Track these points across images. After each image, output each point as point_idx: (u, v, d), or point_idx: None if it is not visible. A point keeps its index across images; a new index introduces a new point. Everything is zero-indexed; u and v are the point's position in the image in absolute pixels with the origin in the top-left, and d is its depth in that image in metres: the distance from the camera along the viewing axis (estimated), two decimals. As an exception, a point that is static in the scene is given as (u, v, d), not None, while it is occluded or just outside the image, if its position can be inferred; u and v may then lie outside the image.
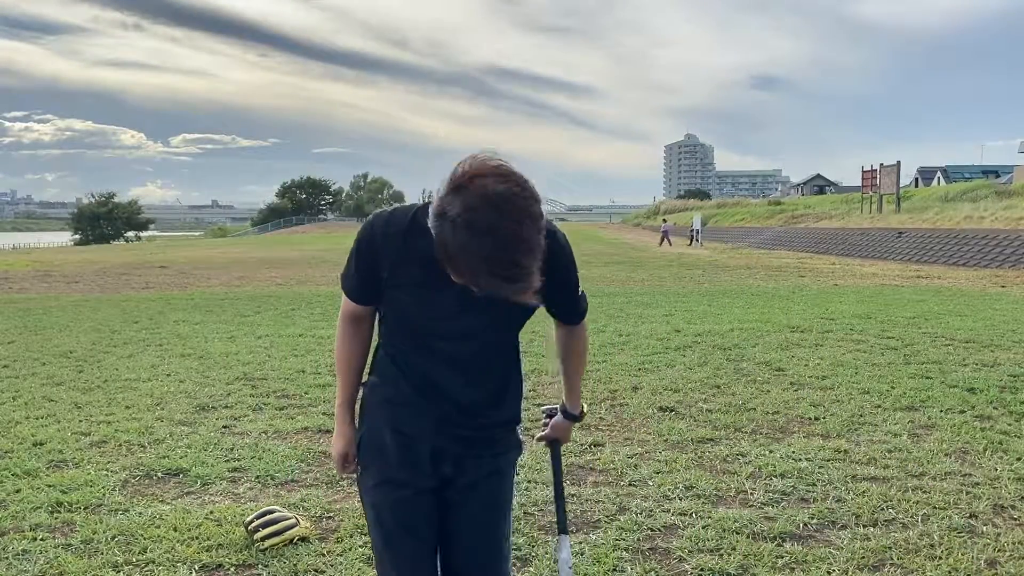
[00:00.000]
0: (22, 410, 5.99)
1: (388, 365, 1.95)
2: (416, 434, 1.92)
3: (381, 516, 1.96)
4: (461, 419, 1.92)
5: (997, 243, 23.42)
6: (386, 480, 1.94)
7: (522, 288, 1.57)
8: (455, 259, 1.56)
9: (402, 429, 1.93)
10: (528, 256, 1.54)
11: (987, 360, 7.73)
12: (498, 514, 2.02)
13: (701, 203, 79.17)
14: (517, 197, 1.53)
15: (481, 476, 1.97)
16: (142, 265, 26.16)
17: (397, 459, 1.93)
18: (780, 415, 5.73)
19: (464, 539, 1.99)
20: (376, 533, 2.00)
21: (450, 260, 1.57)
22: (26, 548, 3.52)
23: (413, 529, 1.95)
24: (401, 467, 1.93)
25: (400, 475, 1.93)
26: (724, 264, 24.90)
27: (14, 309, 13.07)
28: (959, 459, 4.72)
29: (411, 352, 1.91)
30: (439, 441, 1.92)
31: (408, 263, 1.79)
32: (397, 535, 1.95)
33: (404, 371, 1.92)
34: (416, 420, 1.92)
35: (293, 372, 7.37)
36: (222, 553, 3.48)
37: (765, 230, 43.84)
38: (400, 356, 1.93)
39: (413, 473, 1.93)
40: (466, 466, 1.95)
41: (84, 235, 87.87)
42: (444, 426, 1.91)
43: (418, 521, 1.95)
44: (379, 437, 1.95)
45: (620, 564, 3.38)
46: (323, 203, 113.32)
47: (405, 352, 1.92)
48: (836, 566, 3.33)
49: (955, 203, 33.43)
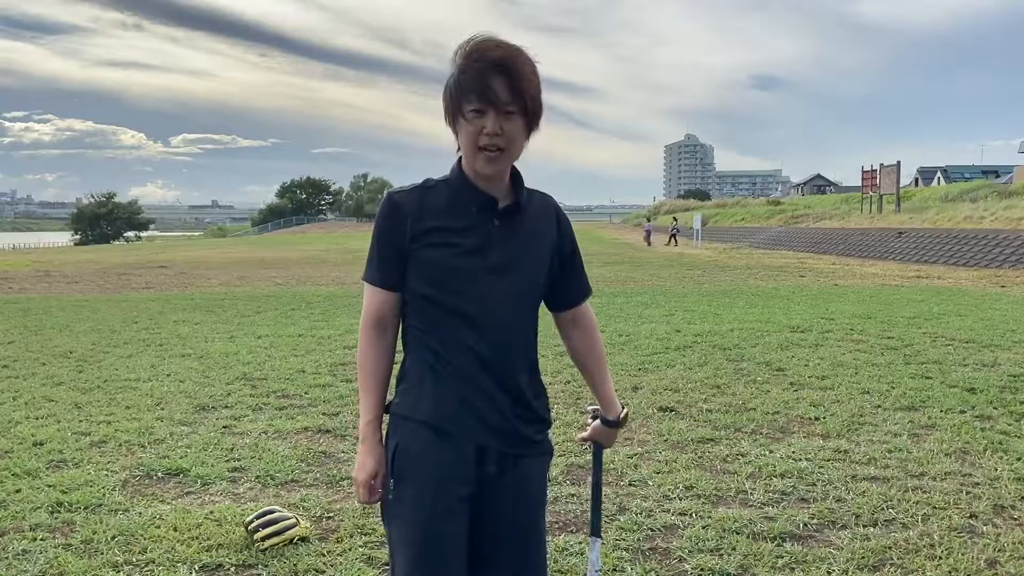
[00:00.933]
0: (22, 410, 5.99)
1: (417, 365, 1.89)
2: (458, 431, 1.85)
3: (413, 533, 1.84)
4: (501, 402, 1.86)
5: (997, 243, 23.42)
6: (425, 488, 1.84)
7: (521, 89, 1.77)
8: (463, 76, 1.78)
9: (442, 427, 1.85)
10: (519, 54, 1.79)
11: (987, 360, 7.74)
12: (538, 515, 1.99)
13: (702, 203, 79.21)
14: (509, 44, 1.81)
15: (521, 477, 1.92)
16: (142, 265, 26.16)
17: (437, 461, 1.84)
18: (780, 415, 5.73)
19: (507, 539, 1.92)
20: (404, 552, 1.86)
21: (459, 85, 1.78)
22: (26, 548, 3.52)
23: (452, 542, 1.84)
24: (442, 469, 1.84)
25: (442, 478, 1.84)
26: (724, 264, 24.91)
27: (14, 309, 13.07)
28: (959, 459, 4.72)
29: (442, 331, 1.85)
30: (482, 437, 1.86)
31: (428, 214, 1.86)
32: (432, 550, 1.83)
33: (436, 360, 1.86)
34: (457, 413, 1.85)
35: (293, 372, 7.37)
36: (222, 553, 3.48)
37: (765, 230, 43.85)
38: (430, 342, 1.86)
39: (455, 475, 1.84)
40: (508, 467, 1.89)
41: (84, 235, 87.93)
42: (486, 415, 1.85)
43: (458, 534, 1.85)
44: (416, 443, 1.86)
45: (620, 564, 3.37)
46: (323, 203, 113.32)
47: (435, 334, 1.86)
48: (836, 566, 3.33)
49: (955, 203, 33.44)
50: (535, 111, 1.83)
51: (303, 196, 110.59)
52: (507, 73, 1.77)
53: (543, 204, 2.00)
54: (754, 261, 26.50)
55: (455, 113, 1.82)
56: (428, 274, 1.85)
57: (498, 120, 1.78)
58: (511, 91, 1.77)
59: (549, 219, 1.98)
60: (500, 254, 1.86)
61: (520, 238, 1.89)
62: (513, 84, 1.77)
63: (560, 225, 2.00)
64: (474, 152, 1.81)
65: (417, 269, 1.86)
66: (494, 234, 1.86)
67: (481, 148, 1.80)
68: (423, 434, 1.86)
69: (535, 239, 1.93)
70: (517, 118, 1.80)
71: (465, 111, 1.79)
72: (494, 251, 1.85)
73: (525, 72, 1.79)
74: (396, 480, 1.87)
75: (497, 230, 1.86)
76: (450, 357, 1.86)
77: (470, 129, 1.80)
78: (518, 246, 1.89)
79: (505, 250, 1.87)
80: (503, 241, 1.87)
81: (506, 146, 1.81)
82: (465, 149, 1.84)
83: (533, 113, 1.83)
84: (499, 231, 1.86)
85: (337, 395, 6.42)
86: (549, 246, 1.96)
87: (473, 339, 1.85)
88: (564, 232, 2.01)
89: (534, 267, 1.92)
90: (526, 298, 1.92)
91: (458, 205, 1.86)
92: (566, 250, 2.01)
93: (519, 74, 1.78)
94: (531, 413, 1.94)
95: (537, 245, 1.93)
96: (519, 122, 1.81)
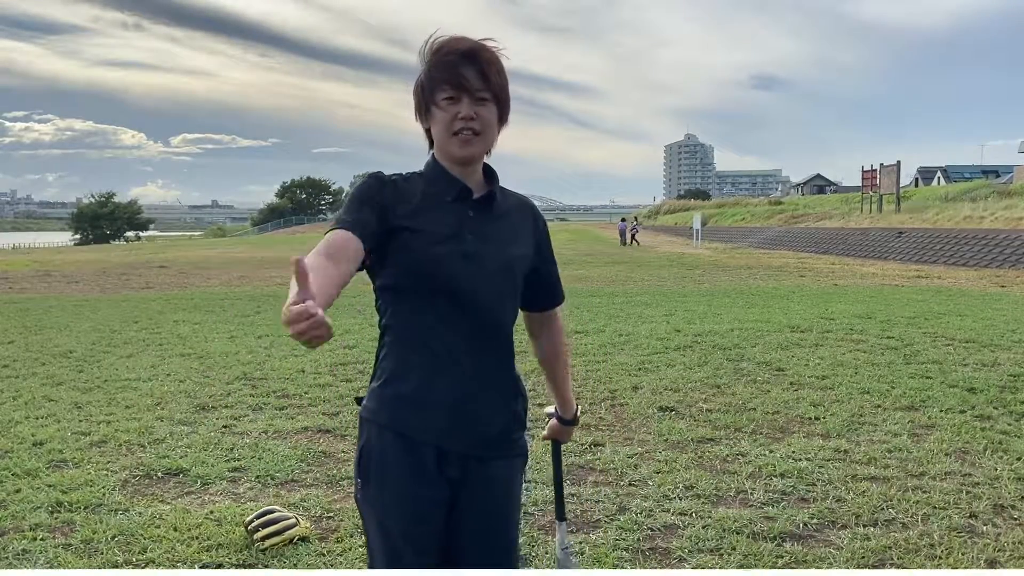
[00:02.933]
0: (22, 410, 5.99)
1: (389, 361, 1.87)
2: (418, 435, 1.84)
3: (387, 529, 1.85)
4: (473, 400, 1.84)
5: (997, 243, 23.42)
6: (394, 494, 1.84)
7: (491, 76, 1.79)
8: (433, 69, 1.79)
9: (406, 432, 1.84)
10: (486, 47, 1.81)
11: (987, 360, 7.73)
12: (506, 522, 1.96)
13: (702, 203, 79.22)
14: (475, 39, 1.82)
15: (487, 480, 1.90)
16: (142, 265, 26.17)
17: (399, 466, 1.84)
18: (780, 415, 5.73)
19: (471, 547, 1.91)
20: (380, 547, 1.88)
21: (431, 78, 1.80)
22: (26, 548, 3.52)
23: (424, 546, 1.85)
24: (404, 474, 1.84)
25: (408, 487, 1.84)
26: (724, 264, 24.91)
27: (14, 309, 13.07)
28: (959, 459, 4.72)
29: (415, 325, 1.83)
30: (446, 442, 1.84)
31: (406, 202, 1.84)
32: (406, 553, 1.84)
33: (408, 356, 1.84)
34: (422, 417, 1.83)
35: (293, 372, 7.37)
36: (222, 553, 3.48)
37: (765, 230, 43.84)
38: (404, 336, 1.85)
39: (419, 480, 1.84)
40: (471, 469, 1.87)
41: (84, 235, 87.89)
42: (454, 415, 1.83)
43: (430, 539, 1.86)
44: (379, 445, 1.85)
45: (620, 564, 3.38)
46: (323, 203, 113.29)
47: (409, 328, 1.84)
48: (836, 566, 3.33)
49: (955, 203, 33.44)
50: (506, 100, 1.86)
51: (303, 196, 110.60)
52: (477, 62, 1.79)
53: (521, 204, 2.00)
54: (754, 261, 26.50)
55: (427, 104, 1.83)
56: (404, 262, 1.81)
57: (472, 105, 1.80)
58: (483, 78, 1.80)
59: (527, 219, 1.98)
60: (475, 244, 1.84)
61: (496, 230, 1.88)
62: (484, 72, 1.80)
63: (538, 226, 2.00)
64: (448, 137, 1.82)
65: (393, 258, 1.82)
66: (469, 224, 1.84)
67: (455, 132, 1.81)
68: (387, 438, 1.85)
69: (511, 234, 1.92)
70: (490, 105, 1.82)
71: (438, 100, 1.81)
72: (469, 240, 1.83)
73: (494, 62, 1.82)
74: (363, 481, 1.88)
75: (472, 220, 1.85)
76: (422, 352, 1.83)
77: (444, 115, 1.81)
78: (494, 238, 1.87)
79: (480, 240, 1.85)
80: (478, 232, 1.85)
81: (481, 130, 1.81)
82: (439, 136, 1.84)
83: (504, 101, 1.85)
84: (474, 222, 1.85)
85: (337, 395, 6.42)
86: (526, 244, 1.95)
87: (448, 332, 1.82)
88: (542, 234, 2.01)
89: (510, 261, 1.90)
90: (502, 290, 1.89)
91: (433, 195, 1.85)
92: (544, 252, 2.02)
93: (489, 63, 1.81)
94: (506, 412, 1.91)
95: (513, 240, 1.92)
96: (492, 109, 1.83)
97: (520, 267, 1.92)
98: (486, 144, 1.85)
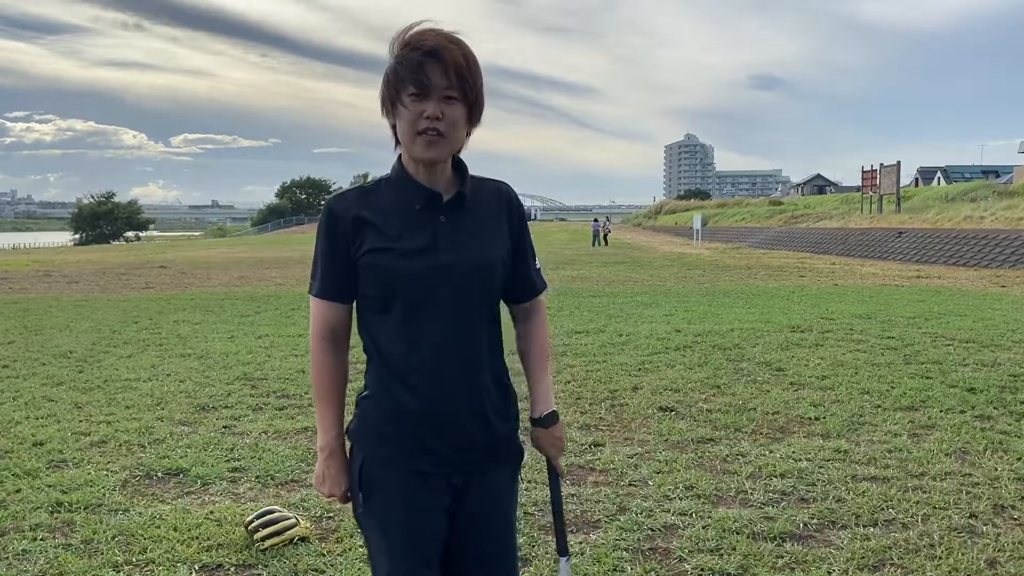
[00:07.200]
0: (22, 410, 5.99)
1: (372, 378, 1.86)
2: (409, 452, 1.83)
3: (391, 536, 1.84)
4: (461, 411, 1.82)
5: (997, 243, 23.42)
6: (396, 503, 1.84)
7: (460, 76, 1.73)
8: (399, 65, 1.74)
9: (394, 450, 1.84)
10: (457, 43, 1.75)
11: (987, 360, 7.73)
12: (508, 526, 1.95)
13: (702, 203, 79.22)
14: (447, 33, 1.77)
15: (486, 487, 1.89)
16: (142, 265, 26.17)
17: (399, 483, 1.83)
18: (780, 415, 5.73)
19: (474, 553, 1.90)
20: (382, 556, 1.86)
21: (397, 74, 1.74)
22: (26, 548, 3.52)
23: (427, 556, 1.84)
24: (405, 490, 1.83)
25: (407, 497, 1.83)
26: (724, 264, 24.90)
27: (14, 309, 13.08)
28: (959, 459, 4.72)
29: (396, 339, 1.81)
30: (445, 451, 1.82)
31: (369, 219, 1.80)
32: (409, 563, 1.83)
33: (391, 372, 1.82)
34: (407, 432, 1.82)
35: (293, 372, 7.37)
36: (222, 553, 3.48)
37: (765, 230, 43.84)
38: (385, 351, 1.83)
39: (419, 494, 1.83)
40: (470, 476, 1.86)
41: (84, 235, 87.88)
42: (444, 428, 1.82)
43: (433, 548, 1.84)
44: (376, 462, 1.86)
45: (620, 564, 3.37)
46: (323, 203, 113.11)
47: (390, 343, 1.82)
48: (836, 566, 3.33)
49: (955, 203, 33.44)
50: (476, 99, 1.78)
51: (303, 196, 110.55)
52: (444, 61, 1.72)
53: (496, 191, 1.92)
54: (754, 261, 26.50)
55: (393, 101, 1.76)
56: (377, 280, 1.79)
57: (439, 105, 1.73)
58: (448, 77, 1.73)
59: (502, 209, 1.91)
60: (449, 251, 1.79)
61: (470, 231, 1.81)
62: (451, 71, 1.73)
63: (512, 216, 1.91)
64: (412, 137, 1.75)
65: (365, 276, 1.80)
66: (441, 231, 1.78)
67: (420, 132, 1.74)
68: (380, 453, 1.85)
69: (487, 229, 1.85)
70: (458, 104, 1.75)
71: (403, 97, 1.74)
72: (443, 248, 1.78)
73: (463, 60, 1.75)
74: (365, 496, 1.87)
75: (443, 226, 1.79)
76: (404, 368, 1.81)
77: (409, 114, 1.74)
78: (468, 240, 1.81)
79: (454, 246, 1.79)
80: (451, 237, 1.79)
81: (446, 131, 1.74)
82: (404, 136, 1.77)
83: (474, 101, 1.78)
84: (446, 227, 1.79)
85: (337, 395, 6.41)
86: (502, 240, 1.88)
87: (429, 344, 1.79)
88: (518, 222, 1.93)
89: (488, 259, 1.84)
90: (481, 293, 1.83)
91: (400, 204, 1.80)
92: (522, 243, 1.93)
93: (456, 62, 1.73)
94: (496, 415, 1.88)
95: (489, 235, 1.86)
96: (460, 109, 1.76)
97: (499, 266, 1.86)
98: (452, 146, 1.79)
